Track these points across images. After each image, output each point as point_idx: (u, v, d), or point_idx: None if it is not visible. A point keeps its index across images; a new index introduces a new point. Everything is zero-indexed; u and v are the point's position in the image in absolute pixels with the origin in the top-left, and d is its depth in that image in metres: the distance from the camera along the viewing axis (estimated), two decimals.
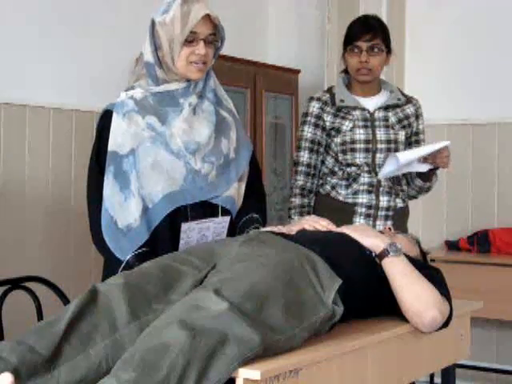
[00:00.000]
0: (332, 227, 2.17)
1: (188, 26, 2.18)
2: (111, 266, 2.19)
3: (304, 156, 2.96)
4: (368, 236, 2.04)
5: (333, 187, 2.93)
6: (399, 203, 2.93)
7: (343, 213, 2.84)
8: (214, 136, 2.28)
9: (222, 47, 2.32)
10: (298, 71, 4.43)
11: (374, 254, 2.01)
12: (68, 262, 3.45)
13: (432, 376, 3.92)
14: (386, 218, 2.89)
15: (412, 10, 4.44)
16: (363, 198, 2.87)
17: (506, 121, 4.16)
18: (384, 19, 4.40)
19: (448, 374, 2.34)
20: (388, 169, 2.77)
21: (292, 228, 2.19)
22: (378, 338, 1.86)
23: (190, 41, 2.20)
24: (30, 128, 3.32)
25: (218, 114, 2.33)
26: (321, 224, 2.18)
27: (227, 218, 2.27)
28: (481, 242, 4.04)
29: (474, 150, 4.26)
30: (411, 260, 2.02)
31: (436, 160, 2.77)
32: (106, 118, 2.25)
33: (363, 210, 2.87)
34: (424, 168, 2.81)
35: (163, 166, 2.18)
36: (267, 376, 1.50)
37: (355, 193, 2.88)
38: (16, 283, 2.34)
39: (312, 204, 2.98)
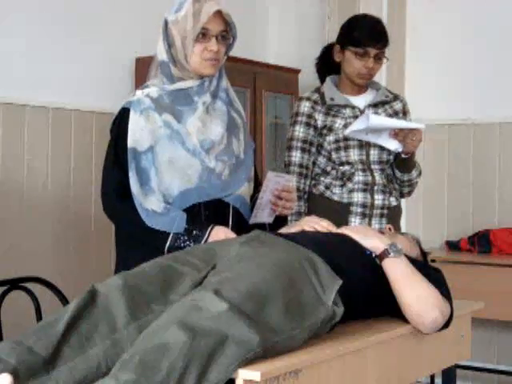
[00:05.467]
0: (332, 228, 2.17)
1: (200, 22, 2.21)
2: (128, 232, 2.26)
3: (296, 156, 2.92)
4: (368, 237, 2.04)
5: (327, 187, 2.90)
6: (393, 201, 2.92)
7: (339, 213, 2.81)
8: (226, 136, 2.31)
9: (234, 44, 2.34)
10: (298, 71, 4.43)
11: (374, 255, 2.00)
12: (67, 262, 3.44)
13: (432, 377, 3.91)
14: (381, 216, 2.87)
15: (412, 10, 4.44)
16: (358, 197, 2.85)
17: (507, 120, 4.15)
18: (384, 19, 4.40)
19: (449, 374, 2.34)
20: (356, 126, 2.71)
21: (291, 229, 2.19)
22: (378, 338, 1.85)
23: (202, 37, 2.23)
24: (30, 128, 3.32)
25: (229, 114, 2.36)
26: (321, 225, 2.18)
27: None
28: (482, 242, 4.03)
29: (475, 149, 4.26)
30: (412, 260, 2.02)
31: (406, 140, 2.73)
32: (123, 115, 2.26)
33: (358, 209, 2.84)
34: (392, 145, 2.76)
35: (179, 163, 2.21)
36: (267, 377, 1.50)
37: (350, 192, 2.86)
38: (15, 283, 2.33)
39: (306, 205, 2.94)
